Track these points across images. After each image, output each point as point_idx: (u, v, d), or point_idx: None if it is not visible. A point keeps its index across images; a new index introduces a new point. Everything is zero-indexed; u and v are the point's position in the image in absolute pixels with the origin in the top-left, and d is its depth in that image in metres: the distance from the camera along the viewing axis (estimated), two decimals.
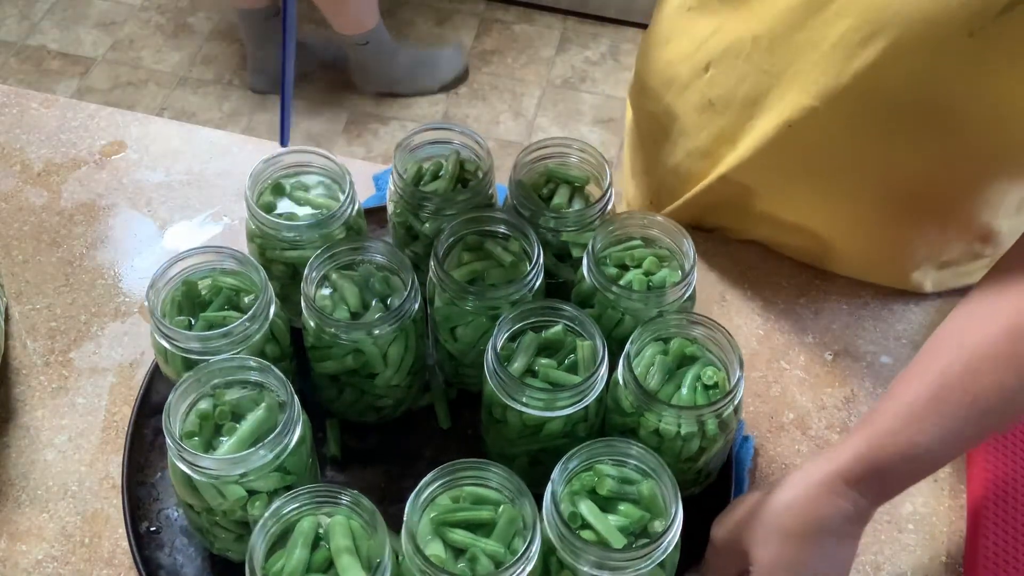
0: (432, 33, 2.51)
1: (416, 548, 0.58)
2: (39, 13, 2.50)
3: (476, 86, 2.39)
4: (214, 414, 0.64)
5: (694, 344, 0.70)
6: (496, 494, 0.62)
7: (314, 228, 0.74)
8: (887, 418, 0.64)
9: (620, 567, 0.59)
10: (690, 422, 0.66)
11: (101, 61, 2.40)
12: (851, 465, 0.63)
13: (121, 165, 0.99)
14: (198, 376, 0.64)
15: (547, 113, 2.33)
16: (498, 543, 0.60)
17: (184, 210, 0.95)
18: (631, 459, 0.63)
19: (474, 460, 0.62)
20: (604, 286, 0.71)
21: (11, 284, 0.88)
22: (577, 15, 2.56)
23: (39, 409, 0.81)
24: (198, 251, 0.72)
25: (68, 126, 1.01)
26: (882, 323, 0.89)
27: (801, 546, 0.62)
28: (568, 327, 0.70)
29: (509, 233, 0.75)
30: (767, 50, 0.77)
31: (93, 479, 0.77)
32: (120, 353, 0.84)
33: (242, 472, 0.61)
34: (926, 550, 0.76)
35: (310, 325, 0.71)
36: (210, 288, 0.72)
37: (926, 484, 0.79)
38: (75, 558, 0.73)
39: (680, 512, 0.60)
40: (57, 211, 0.94)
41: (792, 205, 0.87)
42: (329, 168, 0.79)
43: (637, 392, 0.66)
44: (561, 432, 0.68)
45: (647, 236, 0.76)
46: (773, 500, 0.64)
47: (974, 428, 0.64)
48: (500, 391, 0.66)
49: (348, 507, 0.60)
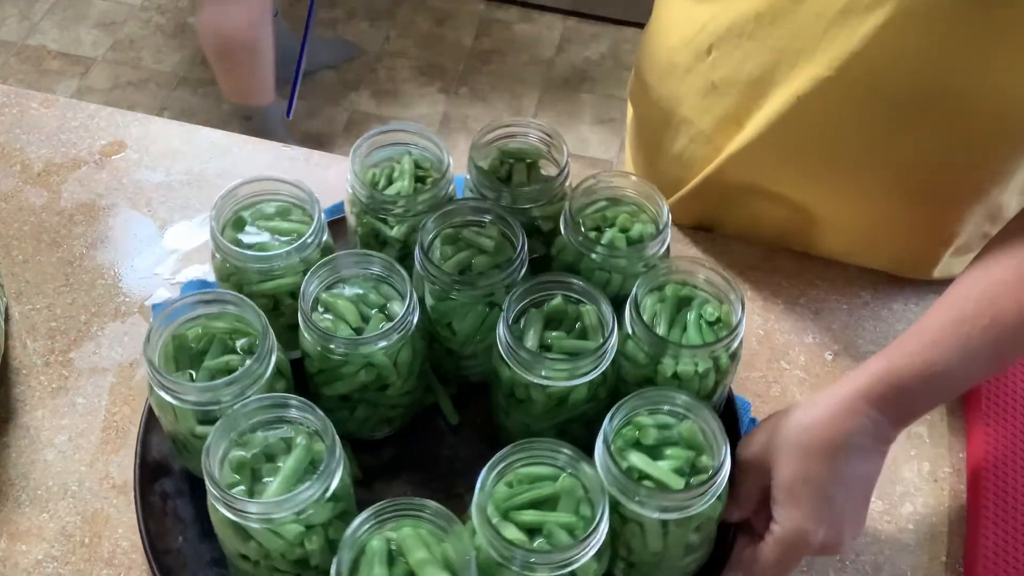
0: (432, 33, 2.51)
1: (496, 535, 0.58)
2: (39, 13, 2.50)
3: (476, 86, 2.39)
4: (249, 460, 0.62)
5: (686, 287, 0.73)
6: (549, 468, 0.63)
7: (293, 254, 0.73)
8: (908, 342, 0.67)
9: (684, 506, 0.62)
10: (705, 359, 0.69)
11: (101, 61, 2.40)
12: (871, 384, 0.65)
13: (121, 165, 0.99)
14: (230, 423, 0.62)
15: (547, 113, 2.33)
16: (567, 514, 0.61)
17: (184, 210, 0.95)
18: (668, 405, 0.66)
19: (521, 442, 0.62)
20: (588, 248, 0.73)
21: (11, 284, 0.88)
22: (577, 15, 2.56)
23: (39, 409, 0.81)
24: (188, 298, 0.69)
25: (68, 126, 1.01)
26: (882, 323, 0.89)
27: (821, 463, 0.64)
28: (567, 297, 0.71)
29: (484, 220, 0.75)
30: (771, 25, 0.77)
31: (93, 479, 0.77)
32: (120, 353, 0.84)
33: (298, 510, 0.60)
34: (926, 550, 0.76)
35: (315, 351, 0.69)
36: (200, 337, 0.69)
37: (926, 484, 0.79)
38: (75, 558, 0.73)
39: (727, 443, 0.63)
40: (57, 211, 0.94)
41: (799, 188, 0.86)
42: (287, 192, 0.77)
43: (652, 341, 0.68)
44: (586, 398, 0.69)
45: (614, 196, 0.78)
46: (795, 419, 0.66)
47: (991, 351, 0.66)
48: (522, 370, 0.67)
49: (414, 516, 0.60)
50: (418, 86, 2.39)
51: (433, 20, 2.54)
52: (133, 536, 0.74)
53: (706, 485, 0.61)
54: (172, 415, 0.67)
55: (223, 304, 0.69)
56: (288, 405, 0.63)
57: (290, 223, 0.77)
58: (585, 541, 0.59)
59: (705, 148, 0.88)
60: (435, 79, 2.40)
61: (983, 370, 0.70)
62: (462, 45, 2.47)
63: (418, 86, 2.39)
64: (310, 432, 0.63)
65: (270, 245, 0.75)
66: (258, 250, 0.74)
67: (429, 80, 2.40)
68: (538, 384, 0.68)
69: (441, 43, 2.49)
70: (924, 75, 0.72)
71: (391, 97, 2.35)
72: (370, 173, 0.80)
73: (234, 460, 0.62)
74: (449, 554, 0.60)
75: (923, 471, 0.80)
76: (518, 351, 0.67)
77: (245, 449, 0.63)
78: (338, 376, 0.71)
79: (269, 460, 0.63)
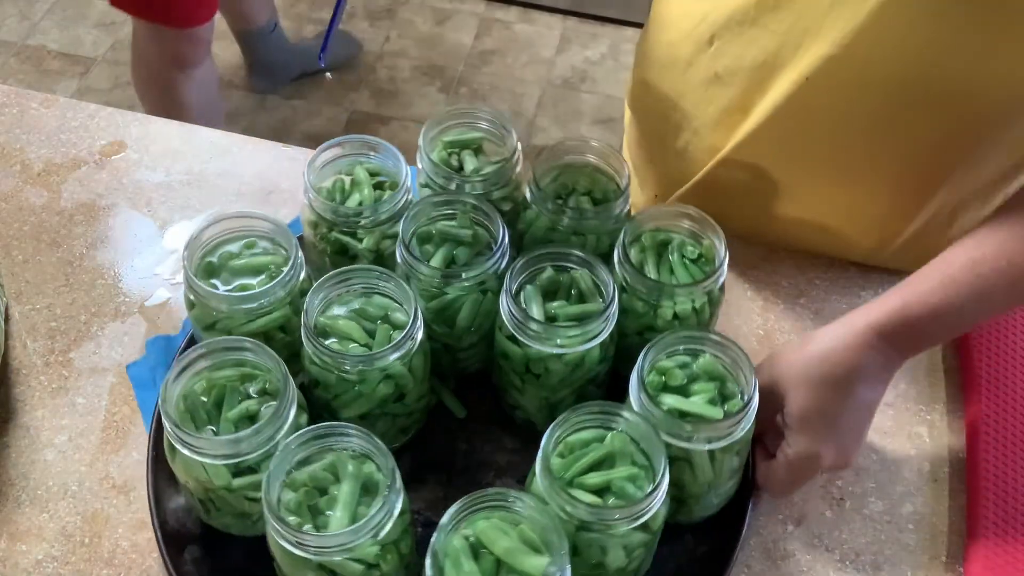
0: (432, 33, 2.51)
1: (573, 501, 0.60)
2: (39, 13, 2.50)
3: (476, 86, 2.39)
4: (304, 497, 0.61)
5: (660, 232, 0.77)
6: (595, 431, 0.65)
7: (279, 288, 0.71)
8: (924, 279, 0.70)
9: (728, 433, 0.65)
10: (700, 295, 0.73)
11: (101, 61, 2.40)
12: (886, 321, 0.69)
13: (121, 165, 0.99)
14: (283, 461, 0.61)
15: (547, 113, 2.33)
16: (627, 466, 0.64)
17: (184, 210, 0.95)
18: (682, 345, 0.69)
19: (562, 417, 0.64)
20: (557, 213, 0.76)
21: (11, 284, 0.88)
22: (577, 15, 2.56)
23: (39, 409, 0.81)
24: (196, 351, 0.66)
25: (68, 126, 1.01)
26: None
27: (834, 393, 0.68)
28: (557, 267, 0.73)
29: (455, 212, 0.76)
30: (774, 10, 0.76)
31: (93, 479, 0.77)
32: (120, 353, 0.84)
33: (375, 532, 0.60)
34: (926, 550, 0.76)
35: (328, 376, 0.69)
36: (208, 389, 0.67)
37: (926, 484, 0.79)
38: (75, 558, 0.73)
39: (751, 364, 0.67)
40: (57, 211, 0.94)
41: (803, 180, 0.86)
42: (250, 226, 0.75)
43: (649, 287, 0.72)
44: (599, 359, 0.72)
45: (571, 163, 0.80)
46: (810, 349, 0.70)
47: (1006, 292, 0.69)
48: (538, 344, 0.69)
49: (488, 507, 0.60)
50: (418, 86, 2.39)
51: (433, 20, 2.54)
52: (133, 536, 0.74)
53: (745, 409, 0.65)
54: (203, 474, 0.65)
55: (240, 352, 0.67)
56: (341, 433, 0.62)
57: (261, 257, 0.75)
58: (657, 486, 0.61)
59: (711, 139, 0.88)
60: (435, 79, 2.40)
61: (995, 310, 0.73)
62: (462, 45, 2.47)
63: (418, 86, 2.39)
64: (354, 455, 0.63)
65: (250, 284, 0.73)
66: (240, 291, 0.72)
67: (429, 80, 2.40)
68: (555, 354, 0.70)
69: (441, 43, 2.49)
70: (930, 51, 0.71)
71: (391, 97, 2.35)
72: (323, 191, 0.79)
73: (291, 502, 0.61)
74: (528, 535, 0.60)
75: (923, 471, 0.80)
76: (530, 326, 0.68)
77: (294, 488, 0.62)
78: (357, 395, 0.70)
79: (321, 492, 0.62)
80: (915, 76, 0.73)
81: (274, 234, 0.75)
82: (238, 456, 0.63)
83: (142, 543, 0.74)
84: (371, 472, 0.63)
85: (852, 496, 0.78)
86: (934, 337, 0.73)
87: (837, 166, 0.84)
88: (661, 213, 0.76)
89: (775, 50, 0.78)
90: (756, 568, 0.75)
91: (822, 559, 0.75)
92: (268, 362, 0.66)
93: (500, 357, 0.74)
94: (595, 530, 0.61)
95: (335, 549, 0.59)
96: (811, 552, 0.75)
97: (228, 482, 0.64)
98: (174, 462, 0.66)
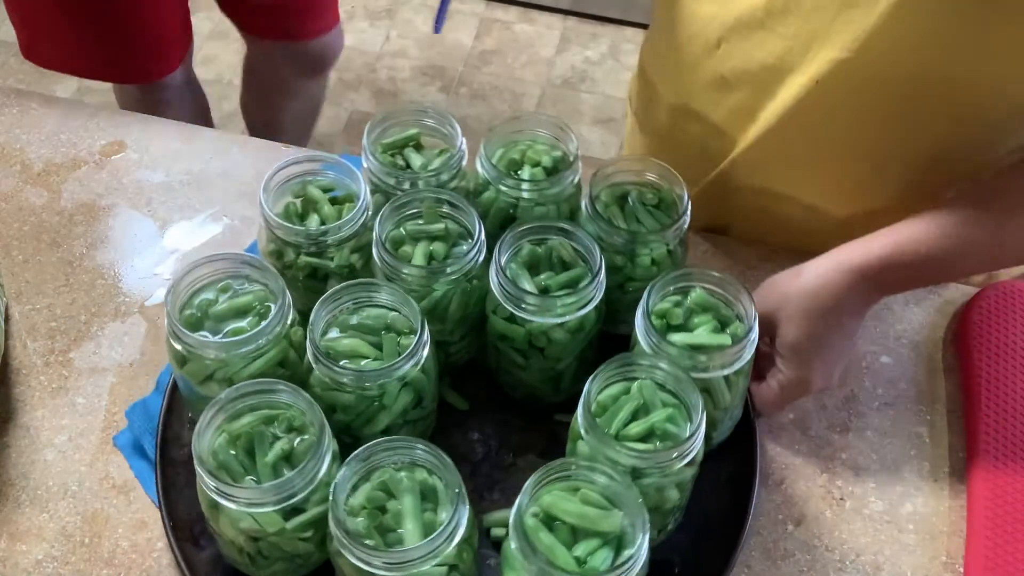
0: (432, 33, 2.51)
1: (628, 451, 0.62)
2: None
3: (476, 86, 2.39)
4: (369, 521, 0.62)
5: (617, 186, 0.80)
6: (620, 385, 0.67)
7: (275, 326, 0.69)
8: (920, 225, 0.74)
9: (738, 356, 0.69)
10: (671, 238, 0.76)
11: None
12: (877, 264, 0.73)
13: (121, 165, 0.99)
14: (342, 490, 0.61)
15: (547, 113, 2.33)
16: (664, 410, 0.66)
17: (184, 210, 0.95)
18: (672, 286, 0.72)
19: (592, 378, 0.65)
20: (513, 187, 0.78)
21: (11, 284, 0.88)
22: (577, 15, 2.56)
23: (39, 409, 0.81)
24: (213, 409, 0.64)
25: (68, 126, 1.01)
26: (882, 323, 0.89)
27: (824, 324, 0.74)
28: (533, 241, 0.74)
29: (420, 210, 0.76)
30: (782, 12, 0.76)
31: (93, 479, 0.77)
32: (120, 353, 0.84)
33: (459, 535, 0.60)
34: (926, 550, 0.76)
35: (347, 399, 0.68)
36: (234, 439, 0.65)
37: (926, 484, 0.79)
38: (75, 558, 0.73)
39: (746, 290, 0.71)
40: (57, 211, 0.94)
41: (812, 183, 0.86)
42: (224, 269, 0.72)
43: (626, 240, 0.75)
44: (596, 319, 0.74)
45: (514, 139, 0.82)
46: (801, 284, 0.75)
47: (994, 241, 0.73)
48: (538, 316, 0.71)
49: (553, 480, 0.62)
50: (418, 86, 2.39)
51: (433, 20, 2.54)
52: (133, 536, 0.74)
53: (750, 333, 0.69)
54: (253, 525, 0.63)
55: (271, 395, 0.65)
56: (387, 449, 0.63)
57: (241, 297, 0.72)
58: (700, 419, 0.64)
59: (718, 142, 0.88)
60: (435, 79, 2.40)
61: (984, 266, 0.79)
62: (462, 45, 2.47)
63: (418, 86, 2.39)
64: (398, 467, 0.63)
65: (242, 328, 0.70)
66: (234, 335, 0.69)
67: (429, 80, 2.40)
68: (555, 324, 0.71)
69: (441, 43, 2.49)
70: (941, 54, 0.71)
71: (391, 97, 2.35)
72: (280, 218, 0.77)
73: (361, 527, 0.61)
74: (593, 496, 0.61)
75: (923, 471, 0.80)
76: (528, 301, 0.70)
77: (354, 514, 0.61)
78: (378, 410, 0.69)
79: (382, 511, 0.62)
80: (925, 79, 0.73)
81: (246, 270, 0.72)
82: (289, 498, 0.62)
83: (142, 543, 0.74)
84: (423, 478, 0.63)
85: (852, 496, 0.78)
86: (923, 282, 0.82)
87: (845, 169, 0.84)
88: (619, 166, 0.80)
89: (782, 54, 0.78)
90: (756, 568, 0.75)
91: (822, 559, 0.75)
92: (295, 399, 0.65)
93: (498, 340, 0.75)
94: (650, 475, 0.63)
95: (421, 559, 0.59)
96: (811, 552, 0.75)
97: (281, 527, 0.63)
98: (218, 521, 0.65)
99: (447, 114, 0.81)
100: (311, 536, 0.65)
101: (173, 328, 0.68)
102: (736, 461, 0.77)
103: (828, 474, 0.80)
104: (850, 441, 0.82)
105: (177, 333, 0.68)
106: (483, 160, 0.78)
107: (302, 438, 0.65)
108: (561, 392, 0.79)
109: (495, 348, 0.77)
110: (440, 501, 0.63)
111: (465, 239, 0.75)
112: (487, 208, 0.80)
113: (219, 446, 0.64)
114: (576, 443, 0.66)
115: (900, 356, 0.87)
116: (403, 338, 0.70)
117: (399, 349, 0.69)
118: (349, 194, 0.79)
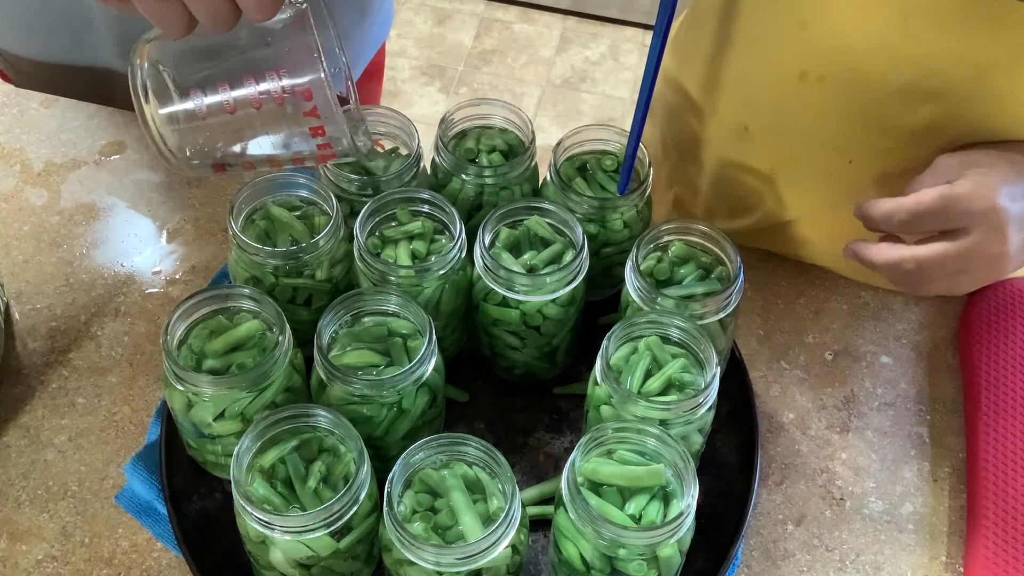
0: (432, 33, 2.51)
1: (656, 404, 0.64)
2: None
3: (476, 86, 2.39)
4: (426, 523, 0.62)
5: (575, 158, 0.82)
6: (626, 347, 0.69)
7: (282, 360, 0.68)
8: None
9: (730, 299, 0.71)
10: (637, 199, 0.78)
11: None
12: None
13: (121, 165, 0.99)
14: (393, 498, 0.61)
15: (547, 113, 2.34)
16: (677, 361, 0.68)
17: (184, 210, 0.95)
18: (652, 244, 0.74)
19: (605, 345, 0.67)
20: (478, 174, 0.79)
21: (11, 284, 0.88)
22: (577, 15, 2.56)
23: (39, 409, 0.81)
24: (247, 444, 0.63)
25: (68, 126, 1.02)
26: (882, 323, 0.89)
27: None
28: (509, 224, 0.75)
29: (395, 211, 0.76)
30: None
31: (93, 479, 0.77)
32: (120, 353, 0.84)
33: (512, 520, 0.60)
34: (926, 550, 0.76)
35: (364, 411, 0.68)
36: (267, 473, 0.64)
37: (926, 484, 0.79)
38: (75, 558, 0.73)
39: (725, 237, 0.73)
40: (57, 211, 0.94)
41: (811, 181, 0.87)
42: (211, 304, 0.70)
43: (597, 206, 0.77)
44: (585, 290, 0.76)
45: (470, 127, 0.84)
46: (1007, 175, 0.69)
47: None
48: (531, 296, 0.72)
49: (593, 448, 0.63)
50: (418, 86, 2.39)
51: (433, 20, 2.54)
52: (133, 536, 0.74)
53: (737, 277, 0.71)
54: (307, 551, 0.63)
55: (309, 418, 0.65)
56: (467, 443, 0.63)
57: (239, 328, 0.70)
58: (715, 367, 0.66)
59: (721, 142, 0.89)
60: (435, 79, 2.41)
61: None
62: (462, 45, 2.47)
63: (418, 86, 2.39)
64: (437, 466, 0.63)
65: (244, 363, 0.68)
66: (239, 369, 0.68)
67: (429, 80, 2.40)
68: (548, 301, 0.73)
69: (441, 43, 2.49)
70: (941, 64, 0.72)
71: (391, 97, 2.35)
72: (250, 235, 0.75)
73: (419, 531, 0.61)
74: (629, 456, 0.63)
75: (923, 471, 0.80)
76: (520, 282, 0.71)
77: (415, 520, 0.62)
78: (398, 415, 0.69)
79: (434, 512, 0.63)
80: (925, 87, 0.73)
81: (233, 302, 0.70)
82: (339, 519, 0.61)
83: (142, 543, 0.74)
84: (463, 472, 0.63)
85: (852, 496, 0.78)
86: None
87: (844, 172, 0.84)
88: (573, 139, 0.81)
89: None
90: (756, 568, 0.75)
91: (822, 559, 0.75)
92: (333, 421, 0.64)
93: (491, 326, 0.75)
94: (675, 425, 0.65)
95: (491, 547, 0.59)
96: (811, 552, 0.75)
97: (335, 548, 0.63)
98: (268, 555, 0.64)
99: (401, 115, 0.82)
100: (360, 552, 0.65)
101: (175, 374, 0.66)
102: (731, 400, 0.79)
103: (828, 474, 0.80)
104: (850, 441, 0.82)
105: (182, 377, 0.66)
106: (442, 153, 0.80)
107: (334, 458, 0.65)
108: (557, 366, 0.80)
109: (488, 334, 0.77)
110: (487, 490, 0.63)
111: (441, 233, 0.76)
112: (453, 198, 0.81)
113: (258, 482, 0.64)
114: (599, 409, 0.68)
115: (900, 356, 0.87)
116: (410, 340, 0.70)
117: (408, 352, 0.69)
118: (309, 208, 0.77)
